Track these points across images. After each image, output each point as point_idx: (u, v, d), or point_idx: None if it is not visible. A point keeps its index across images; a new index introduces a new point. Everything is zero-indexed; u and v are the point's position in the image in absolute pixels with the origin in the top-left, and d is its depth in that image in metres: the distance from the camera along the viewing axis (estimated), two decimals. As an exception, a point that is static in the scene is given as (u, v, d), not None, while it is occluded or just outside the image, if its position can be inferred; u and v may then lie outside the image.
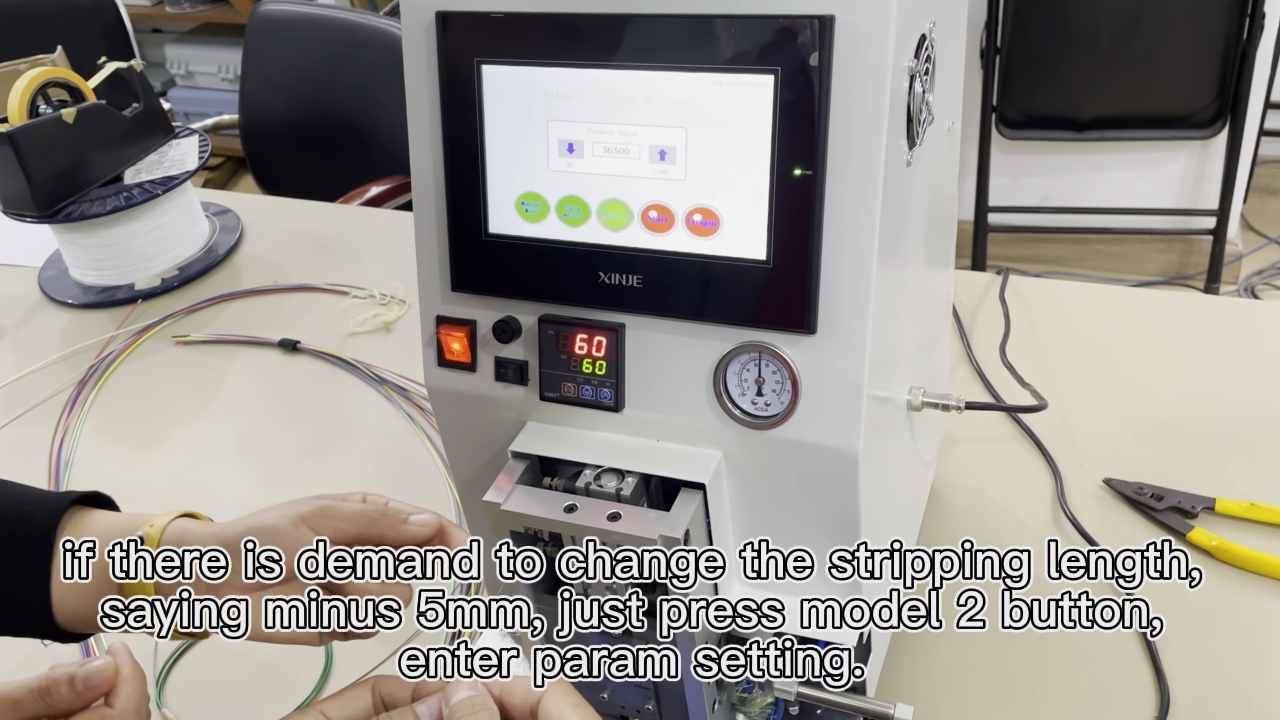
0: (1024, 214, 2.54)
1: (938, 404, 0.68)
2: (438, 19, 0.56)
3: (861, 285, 0.53)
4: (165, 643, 0.84)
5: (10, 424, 1.13)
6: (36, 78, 1.23)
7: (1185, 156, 2.48)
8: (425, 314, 0.62)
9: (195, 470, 1.04)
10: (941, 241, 0.74)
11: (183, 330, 1.25)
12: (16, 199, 1.23)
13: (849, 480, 0.56)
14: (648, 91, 0.53)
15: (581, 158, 0.55)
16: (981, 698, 0.74)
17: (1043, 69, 2.31)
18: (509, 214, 0.58)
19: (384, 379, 1.12)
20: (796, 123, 0.51)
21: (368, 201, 1.70)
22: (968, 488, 0.90)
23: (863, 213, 0.52)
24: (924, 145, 0.58)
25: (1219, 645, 0.76)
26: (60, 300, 1.33)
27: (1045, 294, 1.14)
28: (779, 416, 0.56)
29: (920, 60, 0.54)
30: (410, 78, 0.58)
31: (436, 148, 0.59)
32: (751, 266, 0.53)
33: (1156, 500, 0.86)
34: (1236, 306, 1.13)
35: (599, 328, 0.58)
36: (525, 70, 0.55)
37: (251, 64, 1.98)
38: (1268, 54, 2.26)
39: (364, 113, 1.85)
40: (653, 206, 0.55)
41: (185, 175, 1.30)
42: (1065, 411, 0.97)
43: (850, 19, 0.49)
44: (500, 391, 0.61)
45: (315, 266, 1.35)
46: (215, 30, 3.41)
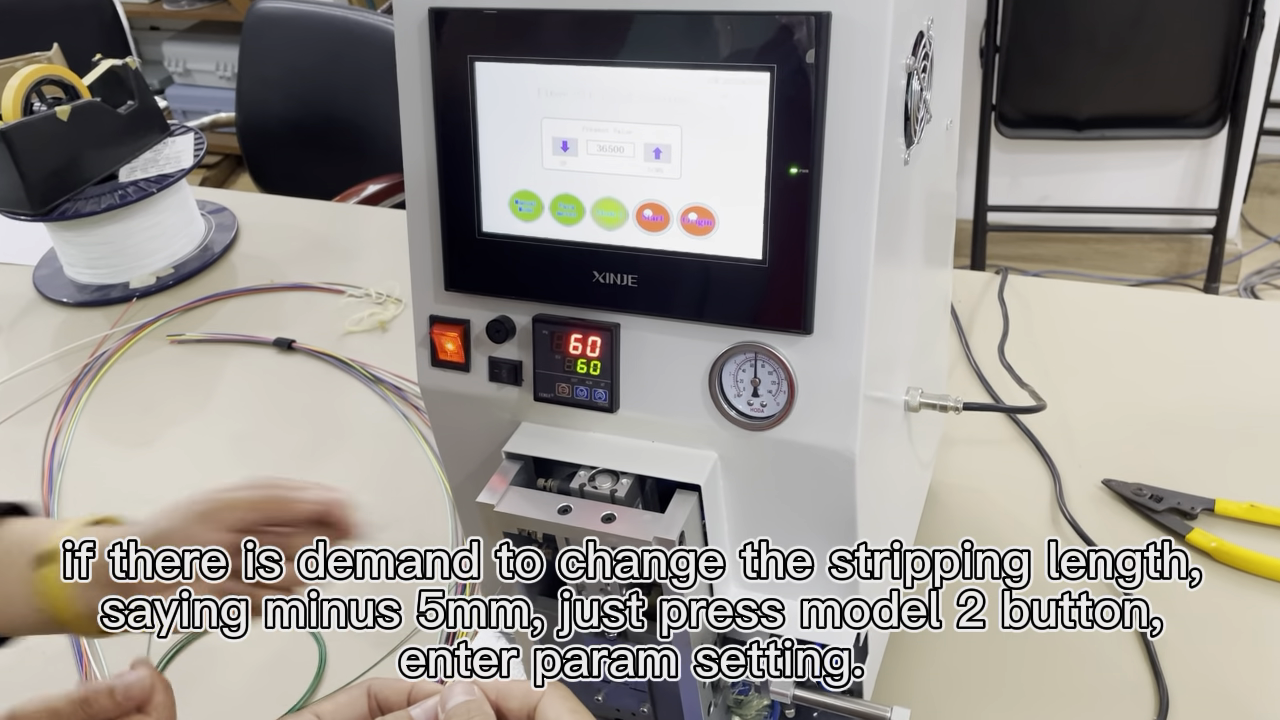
0: (1023, 213, 2.54)
1: (936, 405, 0.68)
2: (430, 15, 0.55)
3: (858, 285, 0.52)
4: (157, 644, 0.83)
5: (4, 423, 1.12)
6: (31, 75, 1.22)
7: (1185, 156, 2.48)
8: (418, 314, 0.62)
9: (190, 470, 1.03)
10: (939, 241, 0.74)
11: (178, 329, 1.25)
12: (11, 197, 1.23)
13: (846, 482, 0.56)
14: (643, 89, 0.52)
15: (576, 156, 0.55)
16: (979, 700, 0.74)
17: (1042, 68, 2.30)
18: (503, 213, 0.57)
19: (379, 378, 1.12)
20: (793, 121, 0.50)
21: (364, 200, 1.70)
22: (966, 488, 0.90)
23: (860, 212, 0.51)
24: (922, 144, 0.58)
25: (1218, 647, 0.75)
26: (55, 299, 1.32)
27: (1044, 294, 1.14)
28: (775, 417, 0.55)
29: (918, 58, 0.54)
30: (403, 75, 0.58)
31: (429, 146, 0.58)
32: (747, 266, 0.53)
33: (1156, 501, 0.85)
34: (1236, 306, 1.13)
35: (593, 328, 0.57)
36: (519, 67, 0.54)
37: (248, 62, 1.97)
38: (1268, 53, 2.25)
39: (361, 111, 1.85)
40: (648, 205, 0.54)
41: (180, 173, 1.30)
42: (1064, 412, 0.97)
43: (847, 16, 0.49)
44: (494, 392, 0.61)
45: (311, 265, 1.35)
46: (212, 28, 3.40)
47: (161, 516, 0.63)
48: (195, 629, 0.61)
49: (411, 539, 0.90)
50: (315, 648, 0.82)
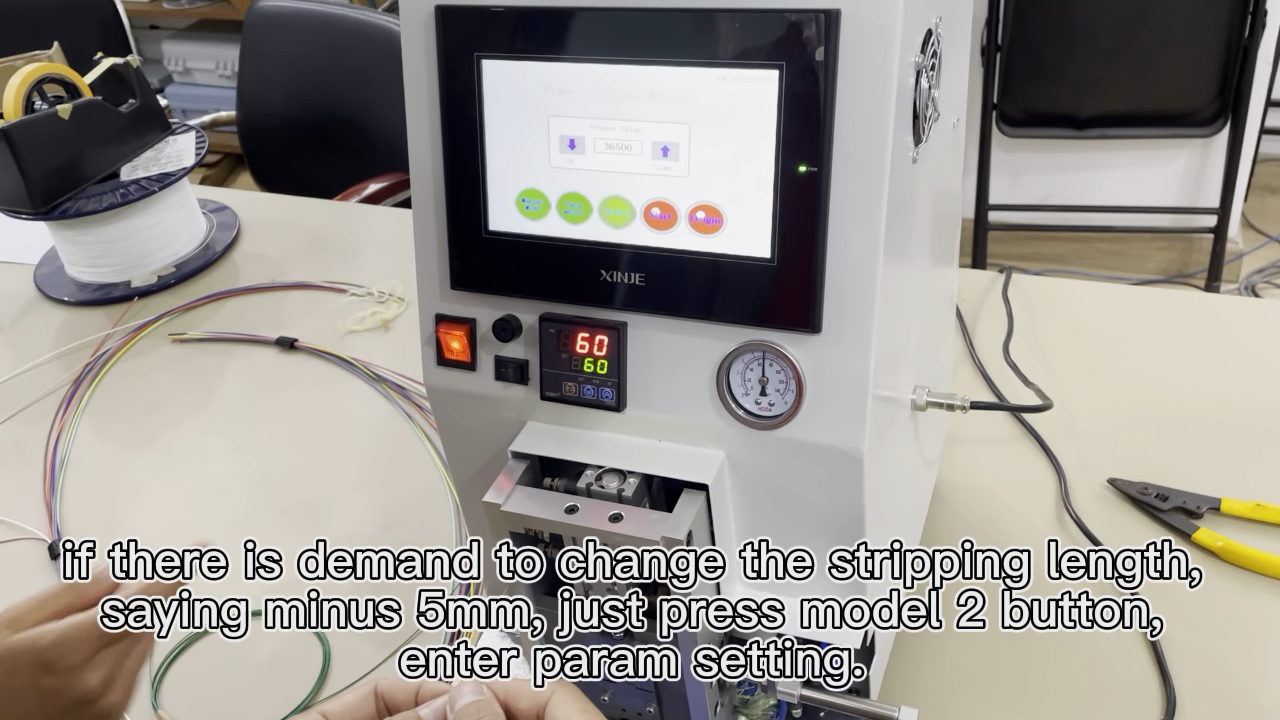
0: (1025, 212, 2.54)
1: (942, 404, 0.67)
2: (437, 13, 0.55)
3: (867, 284, 0.52)
4: (161, 643, 0.83)
5: (5, 422, 1.12)
6: (32, 73, 1.22)
7: (1186, 155, 2.48)
8: (424, 312, 0.62)
9: (191, 469, 1.03)
10: (946, 240, 0.74)
11: (179, 328, 1.24)
12: (12, 195, 1.22)
13: (854, 481, 0.56)
14: (650, 87, 0.52)
15: (583, 154, 0.55)
16: (987, 700, 0.73)
17: (1043, 67, 2.30)
18: (509, 211, 0.57)
19: (382, 377, 1.12)
20: (801, 119, 0.50)
21: (366, 198, 1.70)
22: (971, 487, 0.90)
23: (868, 210, 0.51)
24: (930, 142, 0.58)
25: (1225, 646, 0.75)
26: (56, 298, 1.32)
27: (1048, 293, 1.14)
28: (783, 416, 0.55)
29: (927, 56, 0.54)
30: (409, 73, 0.58)
31: (436, 144, 0.58)
32: (755, 265, 0.53)
33: (1161, 500, 0.85)
34: (1239, 305, 1.12)
35: (600, 326, 0.57)
36: (526, 65, 0.54)
37: (249, 60, 1.97)
38: (1269, 52, 2.25)
39: (362, 109, 1.84)
40: (655, 204, 0.54)
41: (182, 172, 1.30)
42: (1069, 411, 0.96)
43: (856, 13, 0.48)
44: (500, 391, 0.61)
45: (313, 264, 1.34)
46: (213, 26, 3.40)
47: None
48: (196, 628, 0.61)
49: (414, 539, 0.90)
50: (319, 647, 0.81)
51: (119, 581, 0.60)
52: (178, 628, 0.83)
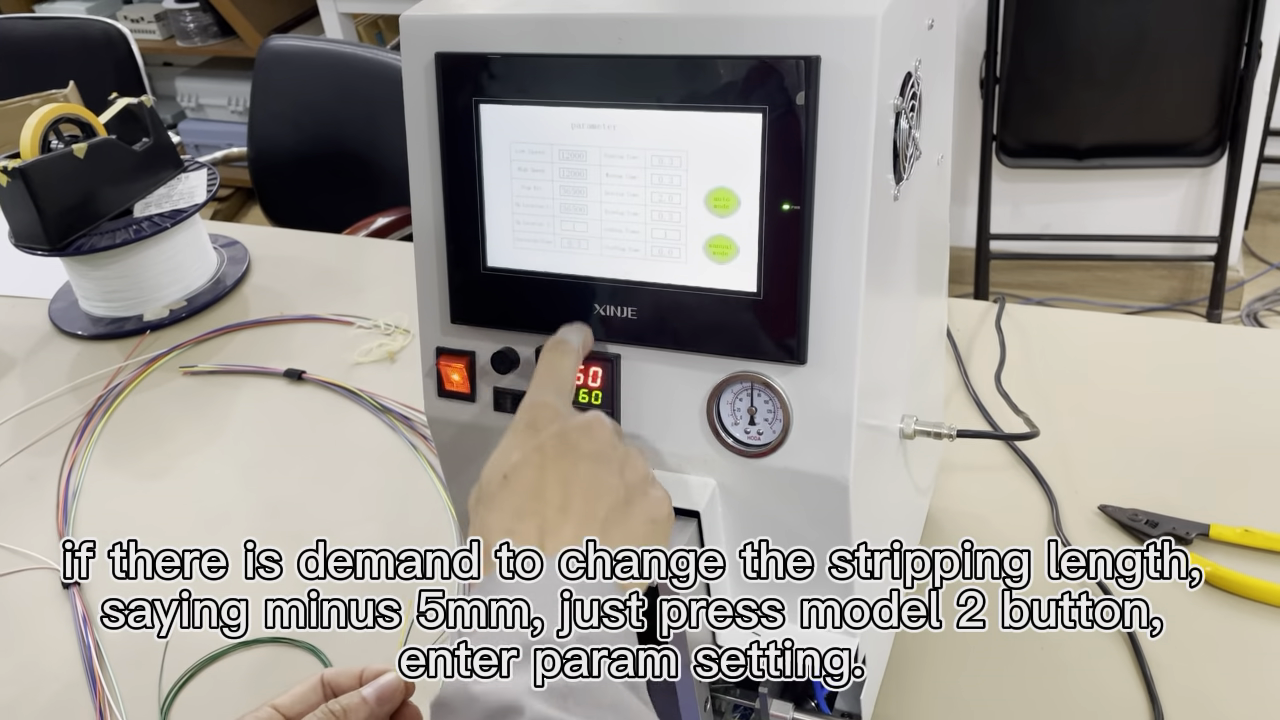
0: (1025, 241, 2.56)
1: (930, 432, 0.69)
2: (436, 60, 0.58)
3: (850, 316, 0.54)
4: (173, 666, 0.84)
5: (20, 454, 1.14)
6: (48, 114, 1.25)
7: (1186, 184, 2.50)
8: (425, 345, 0.64)
9: (202, 499, 1.05)
10: (932, 271, 0.76)
11: (190, 360, 1.27)
12: (28, 232, 1.25)
13: (840, 507, 0.57)
14: (642, 129, 0.55)
15: (579, 194, 0.57)
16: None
17: (1042, 98, 2.33)
18: (507, 248, 0.59)
19: (388, 408, 1.14)
20: (784, 159, 0.52)
21: (374, 233, 1.72)
22: (964, 514, 0.91)
23: (850, 246, 0.53)
24: (912, 179, 0.60)
25: (1213, 671, 0.76)
26: (70, 332, 1.35)
27: (1042, 321, 1.15)
28: (771, 445, 0.57)
29: (906, 98, 0.56)
30: (410, 116, 0.60)
31: (436, 185, 0.60)
32: (743, 299, 0.55)
33: (1151, 526, 0.87)
34: (1230, 334, 1.14)
35: (595, 358, 0.59)
36: (522, 109, 0.57)
37: (260, 97, 2.01)
38: (1266, 81, 2.28)
39: (370, 145, 1.88)
40: (647, 241, 0.56)
41: (193, 209, 1.33)
42: (1061, 438, 0.98)
43: (835, 60, 0.51)
44: (499, 421, 0.62)
45: (321, 297, 1.37)
46: (225, 64, 3.45)
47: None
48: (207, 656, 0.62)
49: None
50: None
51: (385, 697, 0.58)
52: (188, 654, 0.84)
